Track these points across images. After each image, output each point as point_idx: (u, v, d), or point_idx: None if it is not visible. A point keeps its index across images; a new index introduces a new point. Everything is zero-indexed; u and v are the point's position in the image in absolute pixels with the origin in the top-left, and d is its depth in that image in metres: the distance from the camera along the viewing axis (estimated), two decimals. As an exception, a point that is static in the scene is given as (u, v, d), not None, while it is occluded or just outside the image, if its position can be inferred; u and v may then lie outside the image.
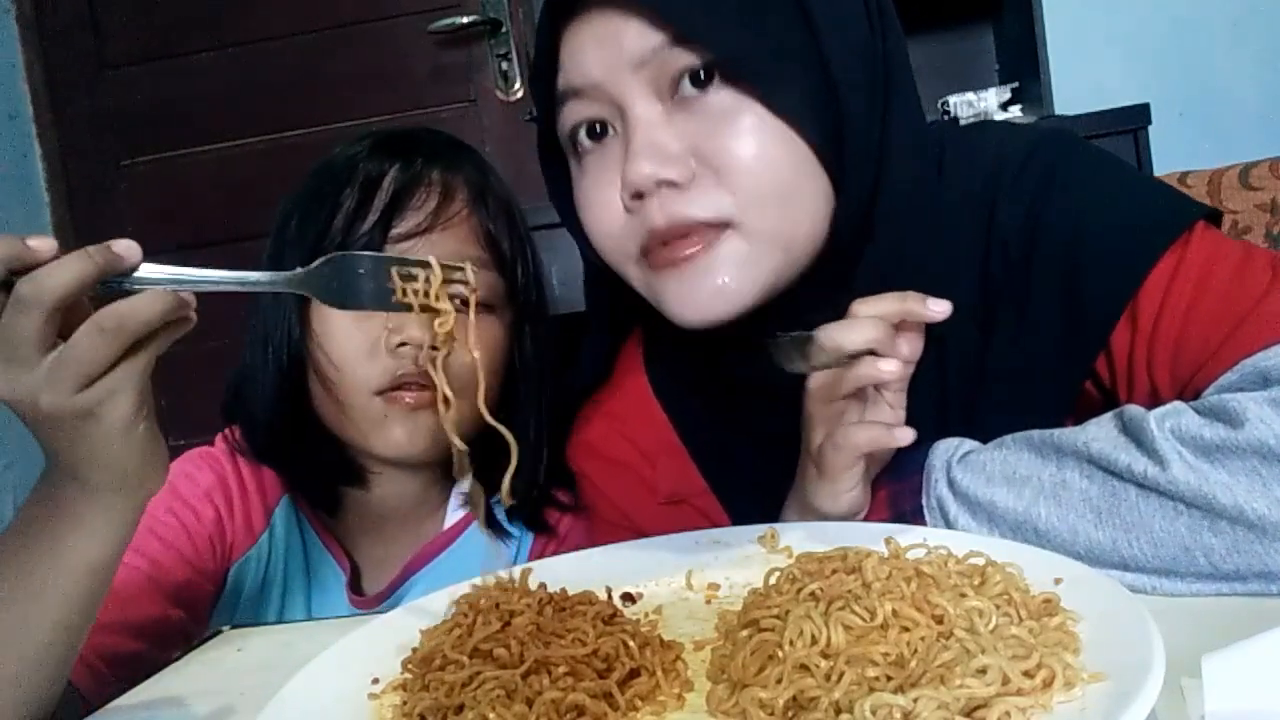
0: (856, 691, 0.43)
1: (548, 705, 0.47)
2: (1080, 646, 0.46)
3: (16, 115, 2.31)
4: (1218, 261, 0.63)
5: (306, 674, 0.54)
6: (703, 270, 0.61)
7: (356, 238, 0.78)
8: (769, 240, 0.62)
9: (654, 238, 0.62)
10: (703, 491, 0.77)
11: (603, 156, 0.64)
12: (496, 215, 0.83)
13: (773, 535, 0.68)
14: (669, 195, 0.60)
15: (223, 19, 2.26)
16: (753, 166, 0.60)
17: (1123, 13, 2.06)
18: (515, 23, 2.19)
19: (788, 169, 0.62)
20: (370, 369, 0.79)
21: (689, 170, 0.61)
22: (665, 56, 0.60)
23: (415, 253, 0.79)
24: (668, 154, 0.60)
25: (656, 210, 0.61)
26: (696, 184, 0.61)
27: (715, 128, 0.61)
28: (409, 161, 0.80)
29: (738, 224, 0.61)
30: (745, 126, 0.61)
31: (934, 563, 0.54)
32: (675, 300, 0.63)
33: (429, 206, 0.79)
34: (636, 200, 0.62)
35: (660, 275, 0.63)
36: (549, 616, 0.55)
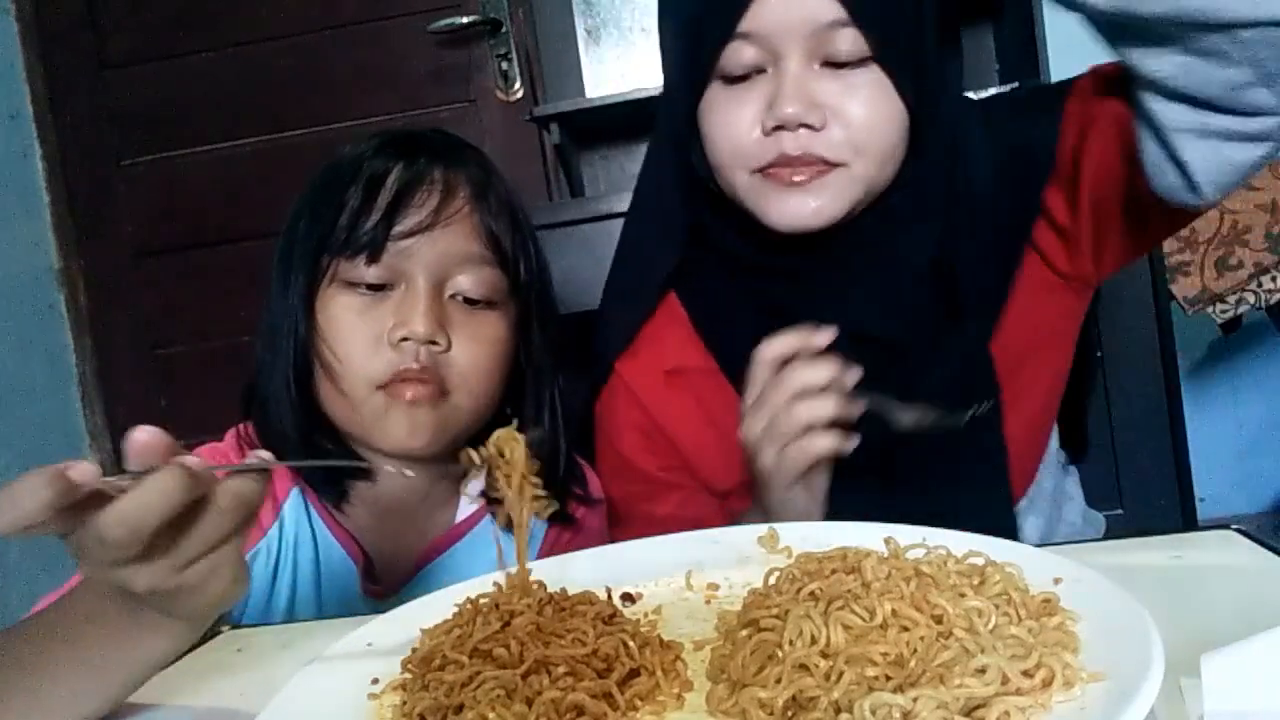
0: (856, 691, 0.43)
1: (547, 705, 0.47)
2: (1079, 646, 0.46)
3: (16, 115, 2.31)
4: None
5: (306, 674, 0.54)
6: (807, 193, 0.78)
7: (360, 234, 0.80)
8: (861, 181, 0.79)
9: (781, 160, 0.78)
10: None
11: (751, 88, 0.78)
12: (498, 213, 0.84)
13: (772, 535, 0.68)
14: (805, 133, 0.77)
15: (223, 19, 2.26)
16: (870, 128, 0.78)
17: (1122, 13, 2.06)
18: (515, 23, 2.19)
19: (893, 132, 0.79)
20: (373, 362, 0.80)
21: (824, 118, 0.77)
22: (831, 34, 0.76)
23: (413, 248, 0.80)
24: (813, 103, 0.76)
25: (791, 142, 0.77)
26: (827, 130, 0.77)
27: (850, 93, 0.77)
28: (412, 160, 0.82)
29: (845, 168, 0.78)
30: (871, 97, 0.77)
31: (933, 562, 0.54)
32: (776, 208, 0.79)
33: (431, 204, 0.80)
34: (775, 130, 0.77)
35: (769, 189, 0.79)
36: (549, 616, 0.55)
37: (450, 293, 0.82)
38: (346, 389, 0.81)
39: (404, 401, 0.80)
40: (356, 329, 0.80)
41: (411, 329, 0.79)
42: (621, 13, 2.36)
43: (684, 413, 0.91)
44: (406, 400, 0.80)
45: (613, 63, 2.37)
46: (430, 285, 0.80)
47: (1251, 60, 0.66)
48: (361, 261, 0.79)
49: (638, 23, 2.36)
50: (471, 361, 0.81)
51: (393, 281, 0.80)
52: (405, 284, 0.80)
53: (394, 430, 0.81)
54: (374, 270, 0.80)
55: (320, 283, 0.82)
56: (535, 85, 2.21)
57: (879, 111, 0.78)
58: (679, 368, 0.92)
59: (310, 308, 0.82)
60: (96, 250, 2.38)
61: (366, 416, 0.82)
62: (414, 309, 0.79)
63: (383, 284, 0.80)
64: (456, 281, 0.82)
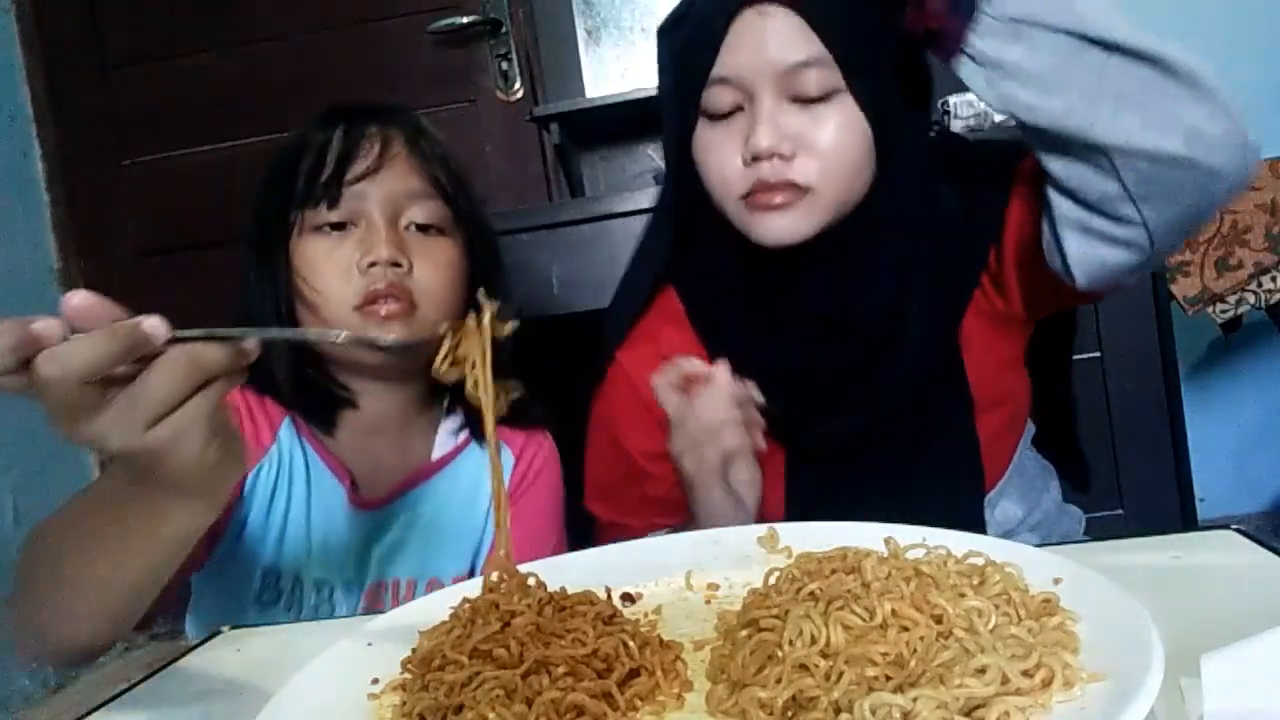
0: (856, 691, 0.43)
1: (547, 705, 0.47)
2: (1079, 646, 0.46)
3: (16, 115, 2.32)
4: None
5: (306, 674, 0.54)
6: (783, 216, 0.87)
7: (318, 186, 0.92)
8: (830, 203, 0.88)
9: (759, 185, 0.87)
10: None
11: (732, 125, 0.88)
12: (432, 156, 0.97)
13: (772, 535, 0.68)
14: (778, 162, 0.85)
15: (223, 19, 2.26)
16: (837, 154, 0.86)
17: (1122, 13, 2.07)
18: (515, 23, 2.20)
19: (859, 157, 0.88)
20: (347, 287, 0.91)
21: (794, 148, 0.86)
22: (797, 74, 0.85)
23: (364, 189, 0.93)
24: (783, 135, 0.85)
25: (768, 169, 0.86)
26: (797, 158, 0.86)
27: (817, 125, 0.86)
28: (351, 123, 0.95)
29: (816, 190, 0.86)
30: (837, 126, 0.86)
31: (933, 562, 0.54)
32: (759, 229, 0.88)
33: (373, 153, 0.93)
34: (754, 161, 0.86)
35: (753, 213, 0.88)
36: (549, 617, 0.55)
37: (404, 224, 0.94)
38: (327, 315, 0.92)
39: (379, 319, 0.91)
40: (328, 263, 0.92)
41: (376, 254, 0.91)
42: (621, 13, 2.36)
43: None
44: (381, 317, 0.91)
45: (613, 63, 2.37)
46: (386, 219, 0.93)
47: (1120, 179, 0.75)
48: (324, 208, 0.92)
49: (638, 23, 2.36)
50: (431, 278, 0.94)
51: (353, 220, 0.93)
52: (364, 221, 0.93)
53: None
54: (335, 213, 0.92)
55: (291, 236, 0.94)
56: (535, 85, 2.21)
57: (843, 139, 0.86)
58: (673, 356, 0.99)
59: (287, 260, 0.94)
60: (96, 250, 2.38)
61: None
62: (376, 238, 0.91)
63: (344, 223, 0.93)
64: (408, 213, 0.94)
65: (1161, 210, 0.76)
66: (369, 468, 0.99)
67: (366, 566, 0.98)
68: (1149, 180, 0.75)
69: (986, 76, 0.77)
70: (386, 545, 0.99)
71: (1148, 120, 0.73)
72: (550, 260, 1.76)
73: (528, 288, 1.76)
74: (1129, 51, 0.74)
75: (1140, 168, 0.74)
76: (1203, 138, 0.73)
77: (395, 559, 0.99)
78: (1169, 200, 0.76)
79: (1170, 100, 0.74)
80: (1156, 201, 0.76)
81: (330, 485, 0.96)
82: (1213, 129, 0.73)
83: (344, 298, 0.91)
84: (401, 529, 0.99)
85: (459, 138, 2.24)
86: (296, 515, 0.95)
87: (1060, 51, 0.75)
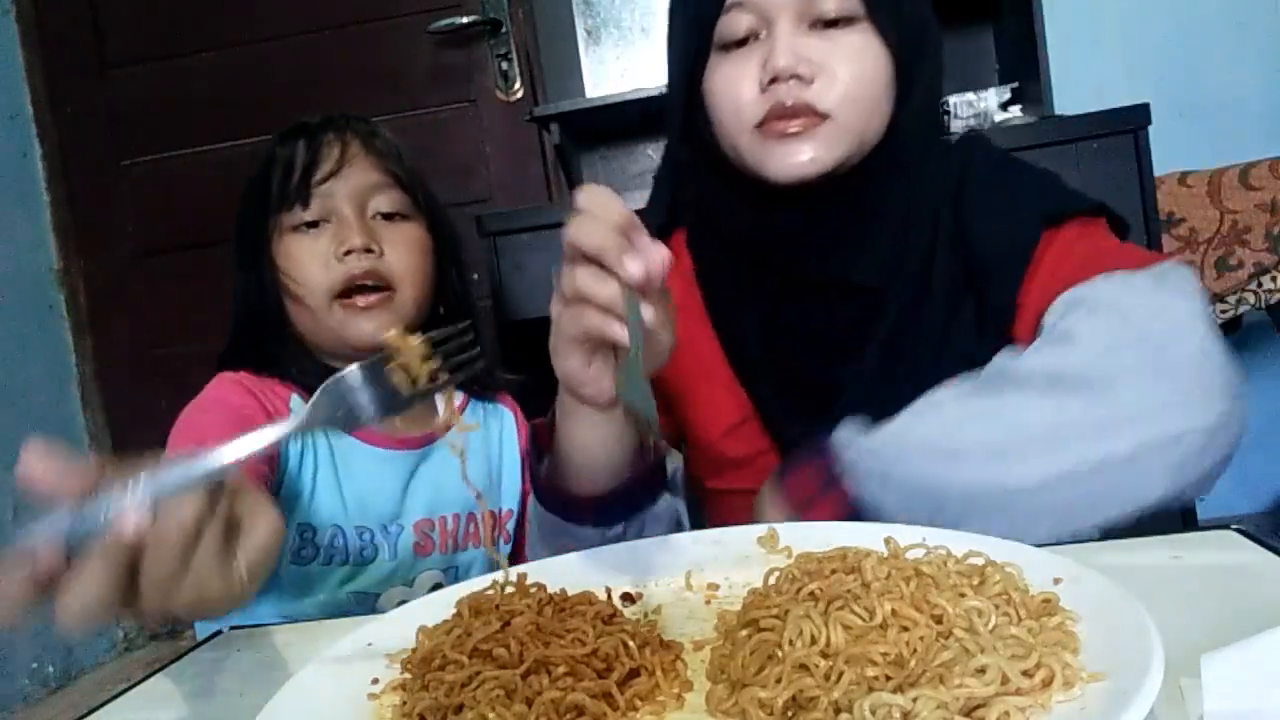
0: (856, 691, 0.43)
1: (547, 705, 0.47)
2: (1079, 646, 0.46)
3: (16, 115, 2.32)
4: (1082, 240, 0.84)
5: (306, 674, 0.54)
6: (801, 145, 0.84)
7: (290, 191, 1.02)
8: (849, 132, 0.84)
9: (775, 112, 0.83)
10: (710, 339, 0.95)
11: (748, 54, 0.85)
12: (387, 153, 1.06)
13: (772, 535, 0.68)
14: (795, 85, 0.82)
15: (223, 19, 2.27)
16: (856, 81, 0.83)
17: (1123, 13, 2.07)
18: (515, 23, 2.19)
19: (878, 85, 0.85)
20: (326, 277, 1.00)
21: (813, 72, 0.83)
22: (816, 1, 0.82)
23: (331, 188, 1.02)
24: (802, 57, 0.82)
25: (785, 92, 0.82)
26: (816, 82, 0.83)
27: (837, 51, 0.83)
28: (310, 136, 1.04)
29: (834, 117, 0.83)
30: (856, 52, 0.83)
31: (933, 562, 0.54)
32: (776, 161, 0.84)
33: (334, 156, 1.03)
34: (770, 85, 0.83)
35: (768, 143, 0.84)
36: (548, 616, 0.55)
37: (371, 214, 1.04)
38: (312, 304, 1.01)
39: (358, 311, 1.01)
40: (308, 256, 1.01)
41: (350, 243, 1.00)
42: (621, 13, 2.36)
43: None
44: (361, 308, 1.01)
45: (613, 63, 2.38)
46: (354, 210, 1.02)
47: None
48: (298, 209, 1.02)
49: (638, 23, 2.36)
50: (403, 259, 1.03)
51: (325, 216, 1.02)
52: (335, 216, 1.02)
53: (357, 332, 1.01)
54: (309, 212, 1.02)
55: (272, 239, 1.04)
56: (535, 85, 2.21)
57: (864, 66, 0.84)
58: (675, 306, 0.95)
59: (271, 262, 1.04)
60: (96, 250, 2.38)
61: (333, 326, 1.02)
62: (347, 229, 1.01)
63: (318, 220, 1.02)
64: (373, 203, 1.04)
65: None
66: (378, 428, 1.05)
67: (402, 508, 1.05)
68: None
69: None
70: (420, 486, 1.06)
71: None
72: (550, 260, 1.75)
73: (528, 288, 1.76)
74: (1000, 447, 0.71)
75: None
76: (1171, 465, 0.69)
77: (433, 499, 1.06)
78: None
79: (1092, 443, 0.69)
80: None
81: (350, 441, 1.04)
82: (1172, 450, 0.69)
83: (325, 285, 1.00)
84: (432, 470, 1.07)
85: (459, 138, 2.25)
86: (325, 473, 1.02)
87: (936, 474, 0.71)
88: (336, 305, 1.01)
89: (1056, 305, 0.79)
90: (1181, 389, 0.70)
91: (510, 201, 2.18)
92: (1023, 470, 0.69)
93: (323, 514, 1.01)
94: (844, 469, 0.75)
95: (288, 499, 0.99)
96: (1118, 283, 0.77)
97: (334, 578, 1.02)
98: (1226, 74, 2.06)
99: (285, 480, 1.00)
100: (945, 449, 0.72)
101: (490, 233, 1.75)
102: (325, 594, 1.01)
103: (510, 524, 1.13)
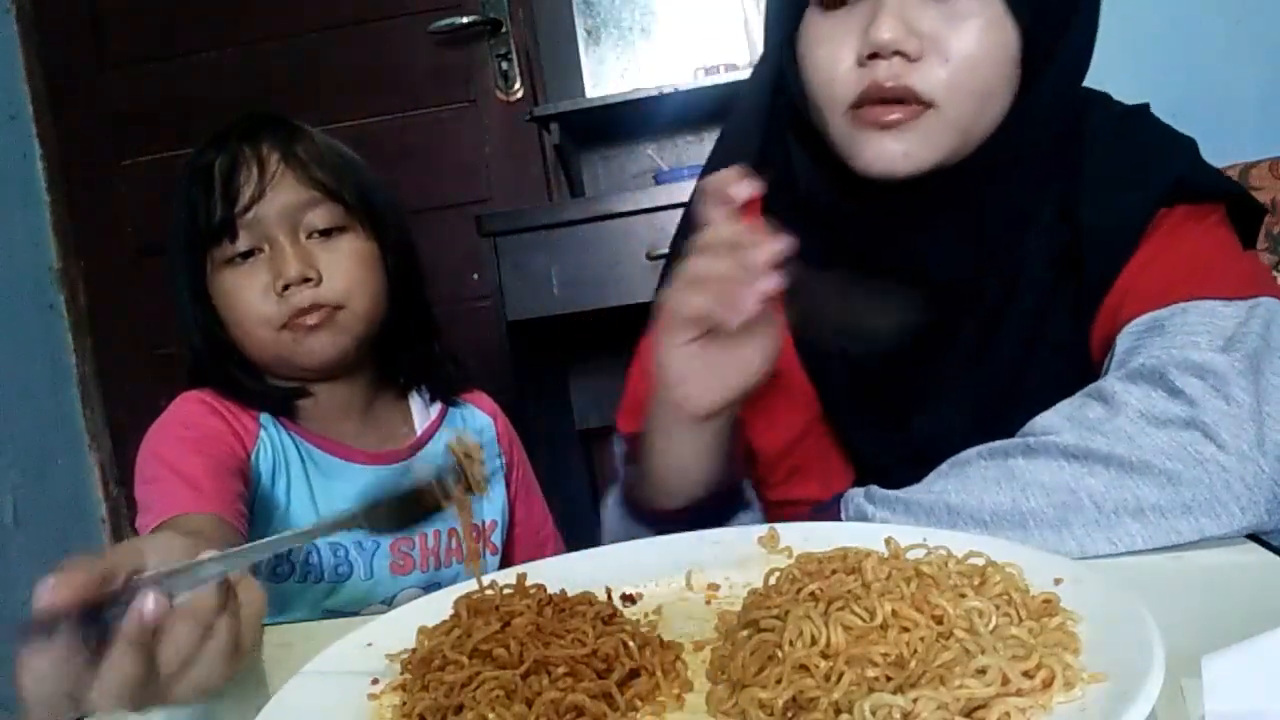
0: (856, 692, 0.43)
1: (547, 706, 0.47)
2: (1080, 647, 0.46)
3: (16, 115, 2.31)
4: (1189, 232, 0.75)
5: (306, 674, 0.54)
6: (898, 137, 0.72)
7: (213, 225, 0.96)
8: (955, 127, 0.73)
9: (871, 93, 0.72)
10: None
11: (849, 16, 0.73)
12: (311, 161, 0.99)
13: (773, 535, 0.68)
14: (899, 62, 0.71)
15: (223, 19, 2.26)
16: (972, 64, 0.71)
17: (1122, 13, 2.06)
18: (515, 23, 2.19)
19: (999, 76, 0.72)
20: (268, 310, 0.96)
21: (921, 47, 0.71)
22: None
23: (258, 214, 0.96)
24: (910, 29, 0.70)
25: (885, 71, 0.71)
26: (924, 61, 0.71)
27: (953, 23, 0.71)
28: (223, 150, 0.98)
29: (940, 106, 0.72)
30: (977, 26, 0.71)
31: (934, 563, 0.54)
32: (868, 152, 0.73)
33: (253, 178, 0.96)
34: (869, 59, 0.71)
35: (863, 130, 0.73)
36: (548, 617, 0.55)
37: (305, 234, 0.98)
38: (259, 339, 0.97)
39: (304, 331, 0.96)
40: (246, 291, 0.97)
41: (286, 275, 0.95)
42: (621, 13, 2.36)
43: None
44: (307, 329, 0.96)
45: (613, 63, 2.37)
46: (287, 235, 0.96)
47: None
48: (226, 242, 0.96)
49: (638, 23, 2.36)
50: (344, 277, 0.98)
51: (257, 245, 0.97)
52: (268, 244, 0.96)
53: (308, 355, 0.97)
54: (239, 243, 0.96)
55: (207, 273, 0.99)
56: (535, 85, 2.21)
57: (983, 45, 0.71)
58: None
59: (204, 288, 1.00)
60: (96, 250, 2.38)
61: (282, 351, 0.98)
62: (281, 258, 0.96)
63: (250, 249, 0.97)
64: (306, 223, 0.98)
65: None
66: (353, 442, 1.04)
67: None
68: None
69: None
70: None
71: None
72: (550, 260, 1.76)
73: (528, 288, 1.76)
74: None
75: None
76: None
77: None
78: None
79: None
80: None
81: (322, 457, 1.02)
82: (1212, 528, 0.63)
83: (267, 318, 0.96)
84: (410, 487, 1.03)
85: (459, 138, 2.25)
86: (299, 489, 1.00)
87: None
88: (284, 332, 0.97)
89: (1134, 328, 0.72)
90: (1216, 491, 0.63)
91: (510, 201, 2.18)
92: (1039, 539, 0.65)
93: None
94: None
95: (262, 513, 0.97)
96: (1201, 317, 0.70)
97: (310, 595, 0.99)
98: (1226, 73, 2.06)
99: (259, 494, 0.97)
100: (957, 511, 0.67)
101: (490, 233, 1.75)
102: (303, 612, 0.99)
103: (496, 535, 1.09)
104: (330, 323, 0.97)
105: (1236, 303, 0.70)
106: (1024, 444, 0.68)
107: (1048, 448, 0.66)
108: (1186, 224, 0.76)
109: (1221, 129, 2.02)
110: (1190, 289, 0.71)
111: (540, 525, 1.16)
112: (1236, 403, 0.64)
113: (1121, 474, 0.64)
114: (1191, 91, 2.04)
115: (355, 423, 1.05)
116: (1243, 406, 0.64)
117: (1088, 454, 0.65)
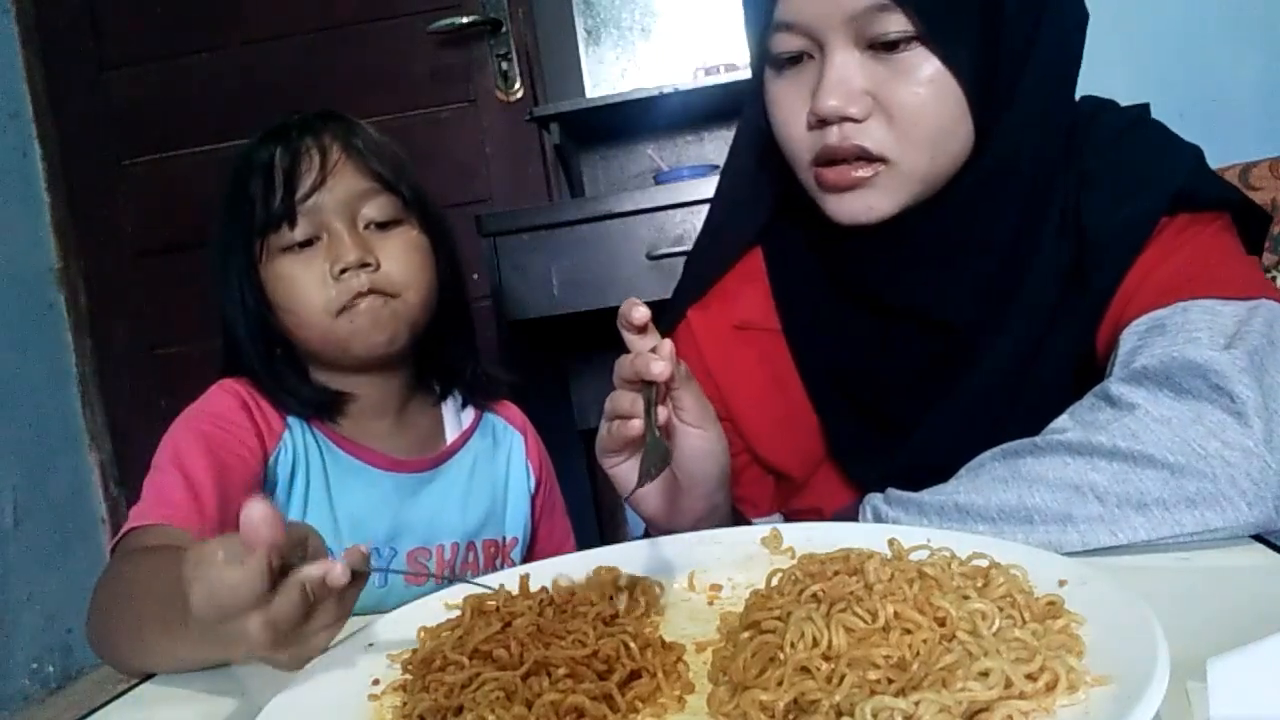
0: (858, 694, 0.42)
1: (547, 707, 0.47)
2: (1084, 649, 0.45)
3: (16, 115, 2.31)
4: (1191, 236, 0.76)
5: (307, 674, 0.54)
6: (858, 195, 0.75)
7: (275, 211, 0.96)
8: (912, 177, 0.75)
9: (824, 155, 0.75)
10: (776, 332, 0.91)
11: (799, 76, 0.76)
12: (370, 153, 1.01)
13: (776, 536, 0.68)
14: (848, 125, 0.73)
15: (223, 19, 2.26)
16: (919, 118, 0.73)
17: (1123, 13, 2.06)
18: (515, 23, 2.19)
19: (947, 121, 0.73)
20: (325, 295, 0.96)
21: (867, 108, 0.73)
22: (873, 19, 0.71)
23: (318, 203, 0.96)
24: (853, 93, 0.72)
25: (835, 134, 0.74)
26: (871, 121, 0.73)
27: (897, 80, 0.72)
28: (286, 142, 0.99)
29: (894, 162, 0.74)
30: (922, 81, 0.72)
31: (937, 564, 0.54)
32: (832, 207, 0.77)
33: (315, 166, 0.97)
34: (820, 124, 0.74)
35: (822, 190, 0.77)
36: (549, 618, 0.55)
37: (362, 225, 0.98)
38: (314, 325, 0.97)
39: (361, 308, 0.96)
40: (303, 278, 0.97)
41: (344, 260, 0.95)
42: (621, 13, 2.36)
43: (743, 369, 0.91)
44: (363, 308, 0.96)
45: (613, 63, 2.37)
46: (345, 224, 0.97)
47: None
48: (285, 229, 0.96)
49: (638, 23, 2.36)
50: (402, 267, 0.98)
51: (315, 234, 0.97)
52: (326, 232, 0.97)
53: (360, 332, 0.97)
54: (297, 231, 0.96)
55: (260, 262, 0.98)
56: (535, 85, 2.21)
57: (928, 97, 0.72)
58: (747, 323, 0.92)
59: (257, 283, 0.99)
60: (96, 250, 2.38)
61: (339, 336, 0.98)
62: (340, 245, 0.96)
63: (308, 239, 0.97)
64: (363, 214, 0.98)
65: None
66: (382, 446, 1.04)
67: (400, 533, 1.01)
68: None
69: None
70: (418, 511, 1.03)
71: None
72: (550, 260, 1.76)
73: (528, 288, 1.76)
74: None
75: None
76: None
77: (430, 526, 1.03)
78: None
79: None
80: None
81: (347, 461, 1.01)
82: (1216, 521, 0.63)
83: (325, 304, 0.96)
84: (433, 496, 1.04)
85: (459, 138, 2.24)
86: (317, 493, 1.00)
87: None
88: (340, 318, 0.96)
89: (1137, 328, 0.72)
90: (1221, 485, 0.63)
91: (510, 201, 2.18)
92: (1043, 533, 0.66)
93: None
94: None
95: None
96: (1202, 316, 0.70)
97: None
98: (1226, 74, 2.06)
99: (275, 500, 0.97)
100: (966, 510, 0.68)
101: (490, 233, 1.75)
102: None
103: (515, 552, 1.08)
104: (386, 303, 0.97)
105: (1237, 302, 0.71)
106: (1032, 444, 0.69)
107: (1054, 445, 0.67)
108: (1190, 229, 0.77)
109: (1221, 129, 2.03)
110: (1192, 289, 0.72)
111: (561, 544, 1.14)
112: (1240, 400, 0.64)
113: (1125, 468, 0.64)
114: (1191, 91, 2.04)
115: (389, 423, 1.05)
116: (1247, 403, 0.64)
117: (1092, 449, 0.66)
